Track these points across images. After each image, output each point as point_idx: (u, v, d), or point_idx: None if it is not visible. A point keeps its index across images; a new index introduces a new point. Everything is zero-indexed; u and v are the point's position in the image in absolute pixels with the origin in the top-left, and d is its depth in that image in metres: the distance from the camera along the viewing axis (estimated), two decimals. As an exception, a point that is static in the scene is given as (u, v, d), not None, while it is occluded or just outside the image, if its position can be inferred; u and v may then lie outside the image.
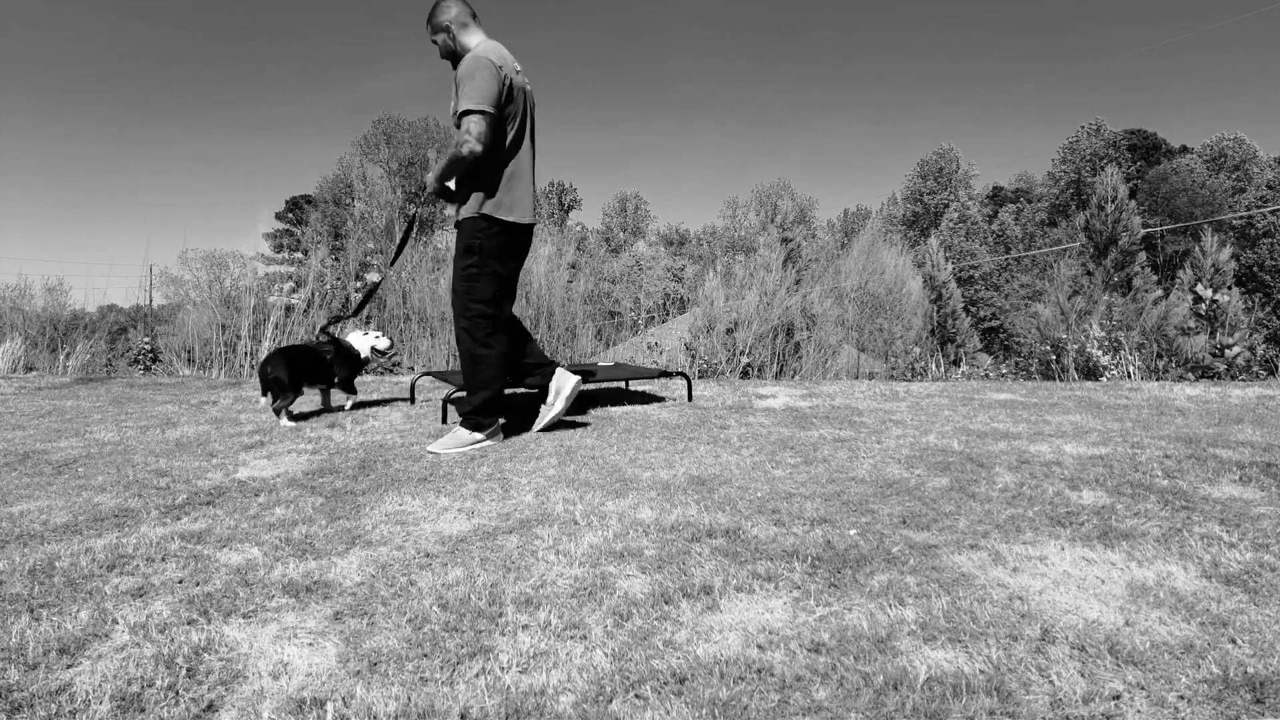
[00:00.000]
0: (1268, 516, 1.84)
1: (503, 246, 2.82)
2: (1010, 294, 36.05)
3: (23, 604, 1.43)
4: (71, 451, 2.87)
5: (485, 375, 2.84)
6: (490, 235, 2.79)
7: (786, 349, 7.79)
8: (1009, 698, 1.08)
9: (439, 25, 2.87)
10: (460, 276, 2.83)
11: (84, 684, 1.15)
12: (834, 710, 1.06)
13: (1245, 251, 33.92)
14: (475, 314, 2.81)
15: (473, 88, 2.66)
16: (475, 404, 2.83)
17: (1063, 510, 1.92)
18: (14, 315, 8.22)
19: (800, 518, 1.89)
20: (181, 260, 9.50)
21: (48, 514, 2.04)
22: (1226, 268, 21.13)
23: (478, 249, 2.79)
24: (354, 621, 1.35)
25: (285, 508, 2.06)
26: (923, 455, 2.56)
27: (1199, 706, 1.05)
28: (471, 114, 2.65)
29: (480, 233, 2.78)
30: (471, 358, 2.84)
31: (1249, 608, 1.34)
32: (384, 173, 39.00)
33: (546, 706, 1.08)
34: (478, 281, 2.80)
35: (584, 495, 2.12)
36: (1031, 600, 1.39)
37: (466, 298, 2.81)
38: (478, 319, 2.82)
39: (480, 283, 2.80)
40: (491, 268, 2.81)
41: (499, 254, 2.82)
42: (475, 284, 2.80)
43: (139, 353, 7.53)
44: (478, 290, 2.81)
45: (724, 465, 2.47)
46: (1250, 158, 41.18)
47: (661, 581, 1.50)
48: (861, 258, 15.24)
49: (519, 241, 2.90)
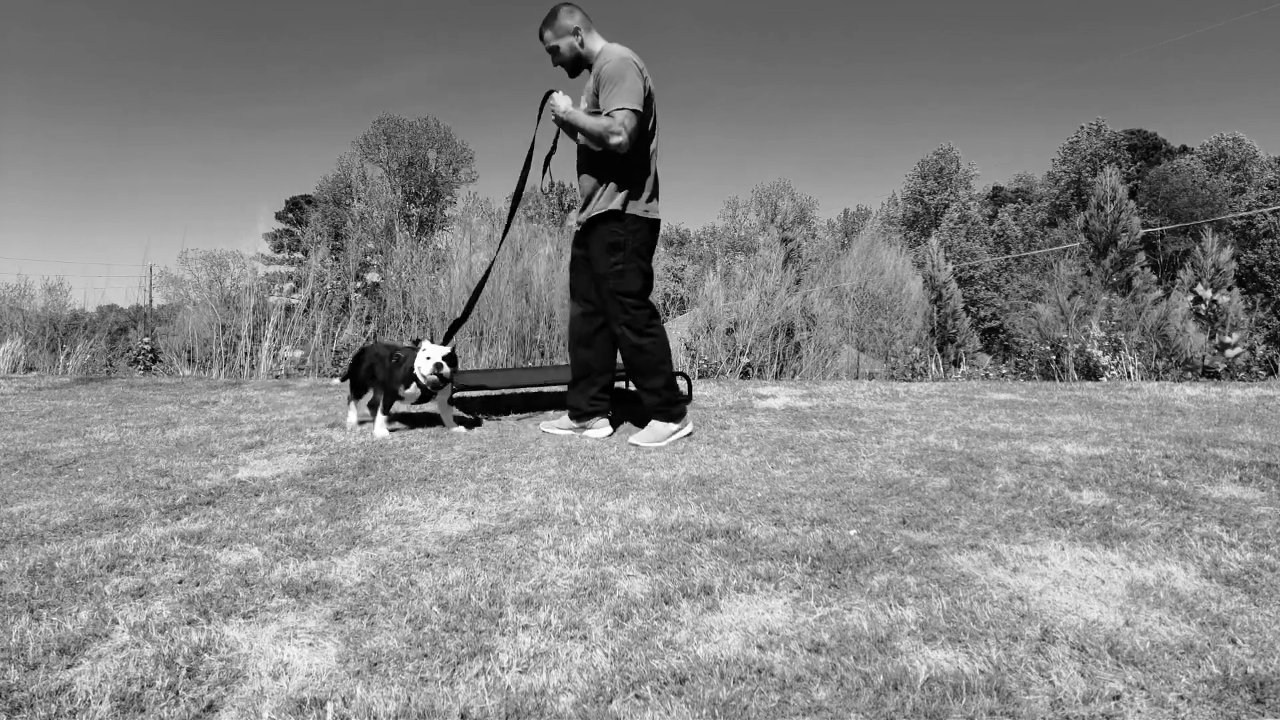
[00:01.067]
0: (1268, 516, 1.84)
1: (644, 243, 2.93)
2: (1010, 294, 36.05)
3: (23, 604, 1.43)
4: (71, 451, 2.87)
5: (652, 363, 2.92)
6: (634, 232, 2.89)
7: (786, 349, 7.79)
8: (1009, 698, 1.08)
9: (565, 29, 2.89)
10: (609, 274, 2.89)
11: (84, 684, 1.15)
12: (834, 710, 1.06)
13: (1245, 252, 33.93)
14: (631, 306, 2.90)
15: (625, 88, 2.75)
16: (660, 396, 2.91)
17: (1063, 510, 1.92)
18: (14, 315, 8.21)
19: (800, 518, 1.89)
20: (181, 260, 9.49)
21: (48, 514, 2.04)
22: (1227, 268, 21.14)
23: (622, 245, 2.87)
24: (354, 621, 1.35)
25: (285, 508, 2.06)
26: (923, 455, 2.56)
27: (1199, 706, 1.05)
28: (625, 110, 2.74)
29: (624, 230, 2.87)
30: (635, 349, 2.91)
31: (1249, 608, 1.34)
32: (384, 173, 39.04)
33: (546, 706, 1.08)
34: (624, 277, 2.89)
35: (584, 495, 2.12)
36: (1031, 600, 1.39)
37: (618, 294, 2.90)
38: (635, 311, 2.90)
39: (626, 277, 2.89)
40: (635, 263, 2.91)
41: (642, 250, 2.93)
42: (622, 279, 2.89)
43: (139, 353, 7.53)
44: (625, 284, 2.89)
45: (724, 465, 2.47)
46: (1250, 158, 41.17)
47: (661, 581, 1.50)
48: (861, 258, 15.24)
49: (654, 238, 3.01)
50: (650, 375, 2.91)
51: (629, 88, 2.75)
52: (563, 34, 2.90)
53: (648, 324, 2.92)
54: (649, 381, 2.91)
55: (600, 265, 2.89)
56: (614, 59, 2.79)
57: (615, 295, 2.88)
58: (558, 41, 2.92)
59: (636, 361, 2.92)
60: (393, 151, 40.10)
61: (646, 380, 2.92)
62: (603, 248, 2.87)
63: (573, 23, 2.89)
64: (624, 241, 2.87)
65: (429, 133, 40.56)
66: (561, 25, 2.90)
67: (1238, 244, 32.15)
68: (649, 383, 2.92)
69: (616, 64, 2.77)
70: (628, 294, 2.88)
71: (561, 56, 2.94)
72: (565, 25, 2.89)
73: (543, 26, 2.95)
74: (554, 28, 2.91)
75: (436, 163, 40.51)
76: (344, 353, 7.04)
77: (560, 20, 2.90)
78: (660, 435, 2.86)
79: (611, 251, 2.87)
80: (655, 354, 2.91)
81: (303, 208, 35.35)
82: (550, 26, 2.92)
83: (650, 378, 2.91)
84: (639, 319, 2.90)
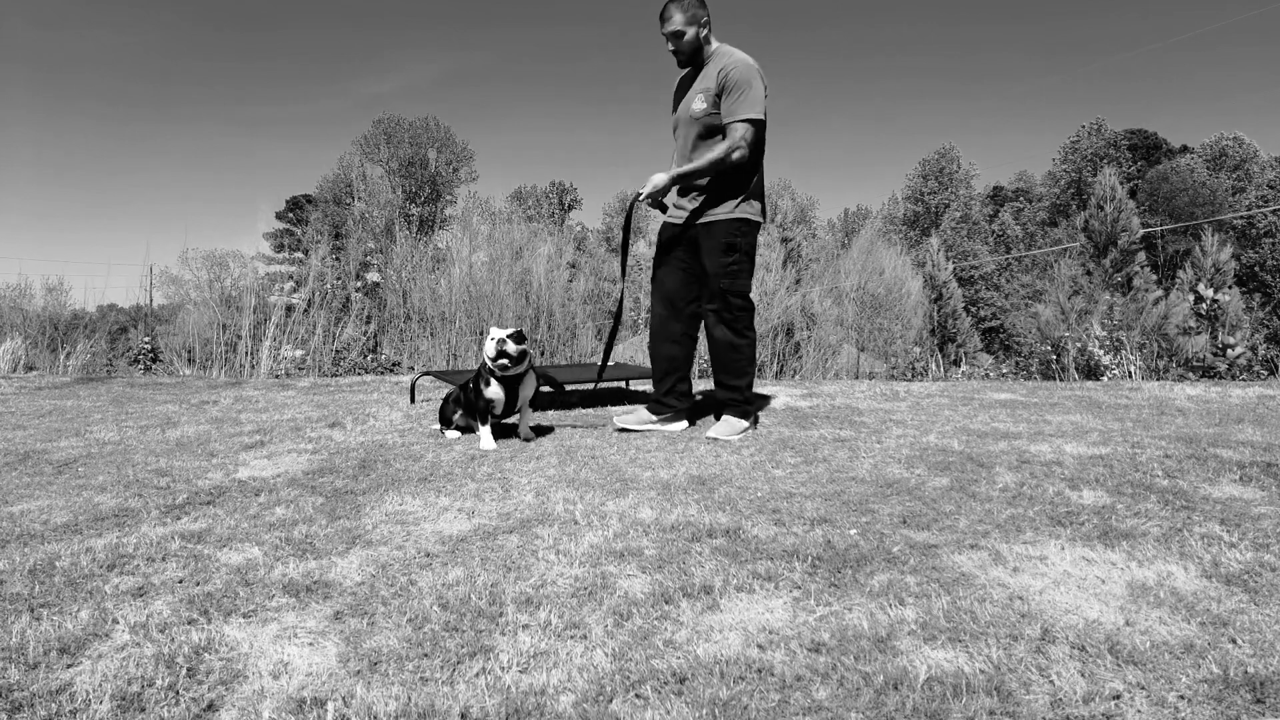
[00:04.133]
0: (1268, 516, 1.84)
1: (753, 245, 2.99)
2: (1011, 294, 36.03)
3: (23, 603, 1.43)
4: (72, 451, 2.87)
5: (742, 363, 2.99)
6: (747, 235, 2.93)
7: (786, 349, 7.79)
8: (1009, 697, 1.08)
9: (698, 18, 2.82)
10: (723, 274, 2.92)
11: (84, 683, 1.15)
12: (834, 710, 1.06)
13: (1245, 251, 33.90)
14: (738, 307, 2.95)
15: (751, 96, 2.77)
16: (745, 394, 3.00)
17: (1063, 510, 1.92)
18: (14, 315, 8.22)
19: (800, 517, 1.89)
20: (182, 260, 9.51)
21: (48, 513, 2.04)
22: (1227, 267, 21.10)
23: (738, 247, 2.91)
24: (354, 621, 1.36)
25: (285, 507, 2.06)
26: (923, 455, 2.56)
27: (1199, 706, 1.05)
28: (749, 121, 2.77)
29: (739, 233, 2.91)
30: (731, 347, 2.98)
31: (1249, 607, 1.34)
32: (384, 172, 39.04)
33: (547, 706, 1.08)
34: (738, 278, 2.94)
35: (584, 495, 2.12)
36: (1032, 600, 1.39)
37: (729, 293, 2.94)
38: (740, 312, 2.96)
39: (740, 279, 2.95)
40: (747, 264, 2.96)
41: (752, 252, 2.98)
42: (736, 280, 2.94)
43: (139, 352, 7.53)
44: (738, 285, 2.95)
45: (724, 465, 2.47)
46: (1250, 157, 41.13)
47: (662, 581, 1.50)
48: (861, 257, 15.22)
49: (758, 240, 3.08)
50: (738, 375, 2.99)
51: (755, 96, 2.76)
52: (694, 22, 2.81)
53: (748, 326, 2.99)
54: (736, 380, 2.99)
55: (714, 264, 2.91)
56: (740, 64, 2.77)
57: (727, 294, 2.93)
58: (687, 28, 2.81)
59: (728, 359, 2.99)
60: (393, 151, 40.10)
61: (733, 379, 2.99)
62: (720, 248, 2.90)
63: (705, 13, 2.81)
64: (739, 244, 2.91)
65: (429, 132, 40.55)
66: (695, 14, 2.80)
67: (1238, 244, 32.11)
68: (735, 381, 2.99)
69: (744, 70, 2.76)
70: (739, 294, 2.94)
71: (683, 44, 2.85)
72: (698, 14, 2.80)
73: (672, 5, 2.80)
74: (687, 13, 2.80)
75: (436, 162, 40.51)
76: (344, 352, 7.04)
77: (693, 9, 2.79)
78: (736, 430, 2.93)
79: (728, 252, 2.90)
80: (747, 355, 2.99)
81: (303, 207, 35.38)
82: (682, 8, 2.79)
83: (738, 377, 2.99)
84: (742, 319, 2.97)
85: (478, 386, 2.84)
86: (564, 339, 7.57)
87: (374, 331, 7.80)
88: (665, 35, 2.88)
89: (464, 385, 3.04)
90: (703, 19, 2.83)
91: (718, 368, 3.02)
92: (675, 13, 2.81)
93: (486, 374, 2.81)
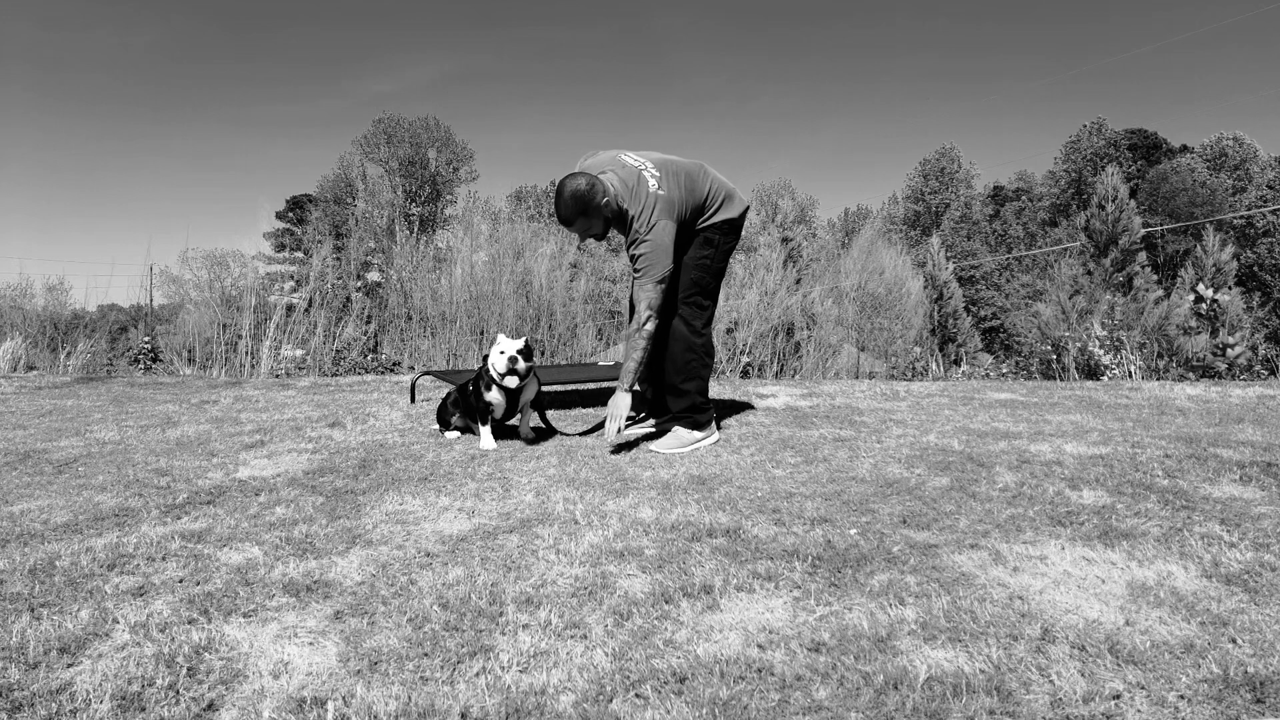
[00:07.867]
0: (1268, 516, 1.84)
1: (730, 244, 2.93)
2: (1011, 293, 36.02)
3: (23, 603, 1.43)
4: (72, 451, 2.87)
5: (698, 364, 2.83)
6: (727, 234, 2.87)
7: (787, 348, 7.79)
8: (1009, 697, 1.08)
9: (594, 209, 2.64)
10: (694, 265, 2.82)
11: (84, 683, 1.15)
12: (834, 710, 1.06)
13: (1245, 251, 33.89)
14: (700, 305, 2.85)
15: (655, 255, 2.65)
16: (689, 400, 2.81)
17: (1063, 510, 1.92)
18: (15, 314, 8.23)
19: (800, 517, 1.89)
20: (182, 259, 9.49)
21: (48, 513, 2.04)
22: (1228, 267, 21.09)
23: (714, 243, 2.84)
24: (354, 621, 1.36)
25: (286, 507, 2.06)
26: (923, 455, 2.56)
27: (1199, 706, 1.05)
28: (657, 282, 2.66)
29: (720, 230, 2.85)
30: (687, 346, 2.82)
31: (1249, 607, 1.34)
32: (384, 172, 39.05)
33: (547, 706, 1.09)
34: (706, 272, 2.84)
35: (584, 495, 2.12)
36: (1032, 600, 1.39)
37: (696, 285, 2.83)
38: (699, 309, 2.85)
39: (708, 275, 2.85)
40: (719, 263, 2.89)
41: (727, 249, 2.92)
42: (705, 273, 2.84)
43: (139, 352, 7.53)
44: (705, 280, 2.85)
45: (724, 464, 2.47)
46: (1250, 157, 41.12)
47: (662, 581, 1.50)
48: (862, 257, 15.24)
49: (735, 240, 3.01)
50: (689, 376, 2.81)
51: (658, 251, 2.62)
52: (593, 214, 2.64)
53: (707, 324, 2.88)
54: (686, 383, 2.81)
55: (690, 255, 2.82)
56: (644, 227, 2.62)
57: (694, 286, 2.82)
58: (592, 222, 2.67)
59: (682, 358, 2.83)
60: (393, 150, 40.11)
61: (684, 380, 2.82)
62: (700, 240, 2.82)
63: (596, 193, 2.61)
64: (716, 240, 2.83)
65: (429, 132, 40.55)
66: (585, 207, 2.61)
67: (1238, 243, 32.11)
68: (685, 384, 2.81)
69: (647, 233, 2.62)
70: (705, 290, 2.84)
71: (602, 234, 2.75)
72: (589, 203, 2.60)
73: (565, 215, 2.64)
74: (579, 216, 2.63)
75: (437, 162, 40.51)
76: (345, 352, 7.05)
77: (580, 202, 2.59)
78: (684, 442, 2.73)
79: (704, 245, 2.83)
80: (700, 355, 2.83)
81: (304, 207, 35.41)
82: (575, 212, 2.62)
83: (688, 379, 2.81)
84: (701, 317, 2.85)
85: (478, 389, 2.82)
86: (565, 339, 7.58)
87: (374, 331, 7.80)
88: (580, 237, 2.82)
89: (464, 386, 3.03)
90: (597, 200, 2.61)
91: (671, 369, 2.84)
92: (573, 219, 2.65)
93: (489, 379, 2.78)
